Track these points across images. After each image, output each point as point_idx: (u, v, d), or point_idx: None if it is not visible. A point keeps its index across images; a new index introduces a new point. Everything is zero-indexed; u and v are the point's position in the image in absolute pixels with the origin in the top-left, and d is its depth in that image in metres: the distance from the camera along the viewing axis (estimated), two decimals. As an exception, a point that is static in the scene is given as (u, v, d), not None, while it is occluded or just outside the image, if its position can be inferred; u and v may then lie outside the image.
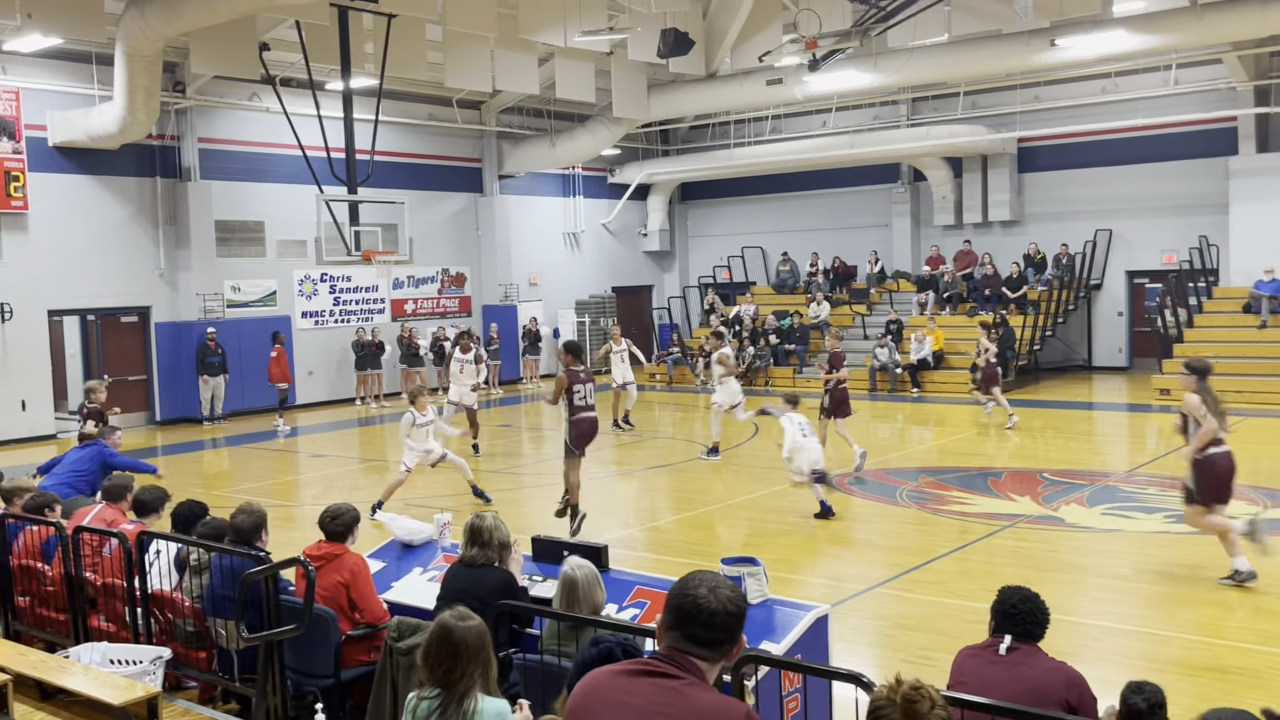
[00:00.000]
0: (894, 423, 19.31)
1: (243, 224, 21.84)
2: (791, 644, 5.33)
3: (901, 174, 26.91)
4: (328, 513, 6.23)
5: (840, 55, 18.76)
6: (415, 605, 6.15)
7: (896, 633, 7.95)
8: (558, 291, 27.69)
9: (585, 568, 5.19)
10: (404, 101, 23.81)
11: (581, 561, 5.26)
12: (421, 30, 18.77)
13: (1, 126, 18.17)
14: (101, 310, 20.21)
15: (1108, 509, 11.59)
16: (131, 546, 6.42)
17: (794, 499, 12.58)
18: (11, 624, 7.26)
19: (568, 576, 5.15)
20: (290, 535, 10.27)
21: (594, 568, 5.27)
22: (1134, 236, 23.94)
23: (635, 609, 5.73)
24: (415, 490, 13.84)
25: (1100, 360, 24.84)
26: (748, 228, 29.48)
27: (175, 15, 14.90)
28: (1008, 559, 9.84)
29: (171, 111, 20.49)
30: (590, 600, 5.10)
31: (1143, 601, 8.62)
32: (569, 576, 5.15)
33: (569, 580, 5.13)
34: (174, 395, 20.82)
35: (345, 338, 23.14)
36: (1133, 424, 18.53)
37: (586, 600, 5.09)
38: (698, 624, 2.77)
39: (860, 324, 25.02)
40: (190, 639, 6.25)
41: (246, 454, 17.48)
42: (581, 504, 10.98)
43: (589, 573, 5.17)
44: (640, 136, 28.76)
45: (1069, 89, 23.75)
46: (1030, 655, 4.51)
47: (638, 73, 22.89)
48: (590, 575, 5.16)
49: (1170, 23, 18.16)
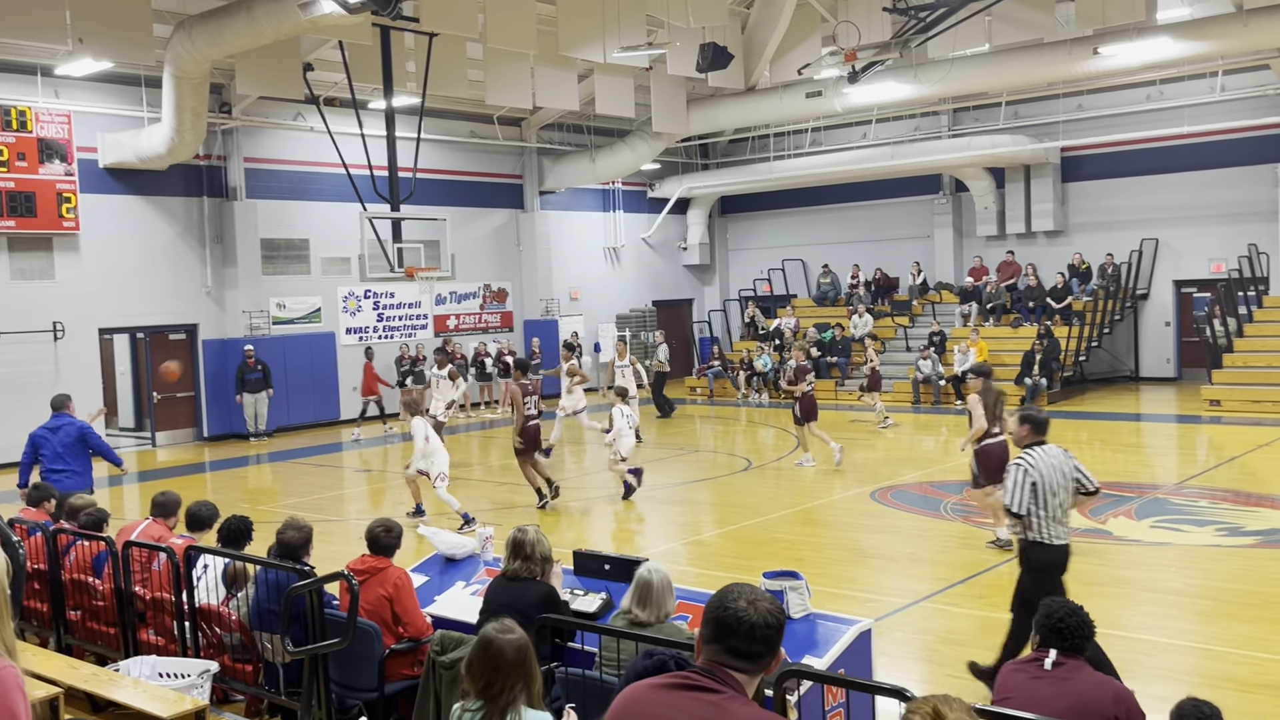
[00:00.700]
0: (938, 435, 19.15)
1: (288, 242, 22.13)
2: (834, 658, 5.29)
3: (943, 185, 26.74)
4: (381, 525, 6.26)
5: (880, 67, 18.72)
6: (458, 619, 6.18)
7: (941, 647, 7.87)
8: (599, 306, 27.78)
9: (661, 572, 5.15)
10: (445, 119, 24.04)
11: (657, 566, 5.24)
12: (462, 48, 18.97)
13: (54, 149, 18.56)
14: (150, 328, 20.54)
15: (1157, 521, 11.41)
16: (180, 561, 6.51)
17: (837, 512, 12.52)
18: (64, 638, 7.39)
19: (643, 578, 5.11)
20: (333, 550, 10.35)
21: (668, 574, 5.23)
22: (1181, 245, 23.60)
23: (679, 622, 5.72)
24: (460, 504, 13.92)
25: (1148, 371, 24.49)
26: (788, 240, 29.41)
27: (221, 38, 15.16)
28: (1054, 573, 9.70)
29: (218, 132, 20.82)
30: (662, 605, 5.08)
31: (1194, 616, 8.48)
32: (644, 578, 5.10)
33: (644, 582, 5.09)
34: (220, 412, 21.09)
35: (389, 354, 23.34)
36: (1182, 435, 18.25)
37: (659, 604, 5.07)
38: (737, 637, 2.76)
39: (903, 336, 24.86)
40: (237, 652, 6.32)
41: (291, 469, 17.67)
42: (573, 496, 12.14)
43: (664, 578, 5.14)
44: (680, 150, 28.81)
45: (1113, 97, 23.49)
46: (1076, 670, 4.45)
47: (677, 87, 22.96)
48: (664, 580, 5.13)
49: (1215, 29, 17.91)
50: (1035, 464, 6.56)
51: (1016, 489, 6.56)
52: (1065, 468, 6.60)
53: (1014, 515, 6.64)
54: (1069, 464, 6.63)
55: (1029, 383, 21.23)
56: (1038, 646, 4.58)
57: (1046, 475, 6.53)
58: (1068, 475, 6.60)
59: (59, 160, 18.59)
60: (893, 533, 11.59)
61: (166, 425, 20.93)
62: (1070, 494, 6.62)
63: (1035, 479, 6.52)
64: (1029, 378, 21.30)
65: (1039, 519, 6.56)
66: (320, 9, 13.08)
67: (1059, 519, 6.57)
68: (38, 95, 18.40)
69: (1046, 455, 6.62)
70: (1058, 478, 6.55)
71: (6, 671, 2.69)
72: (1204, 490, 13.01)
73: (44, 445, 10.42)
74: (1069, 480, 6.60)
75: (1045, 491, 6.52)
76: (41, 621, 7.59)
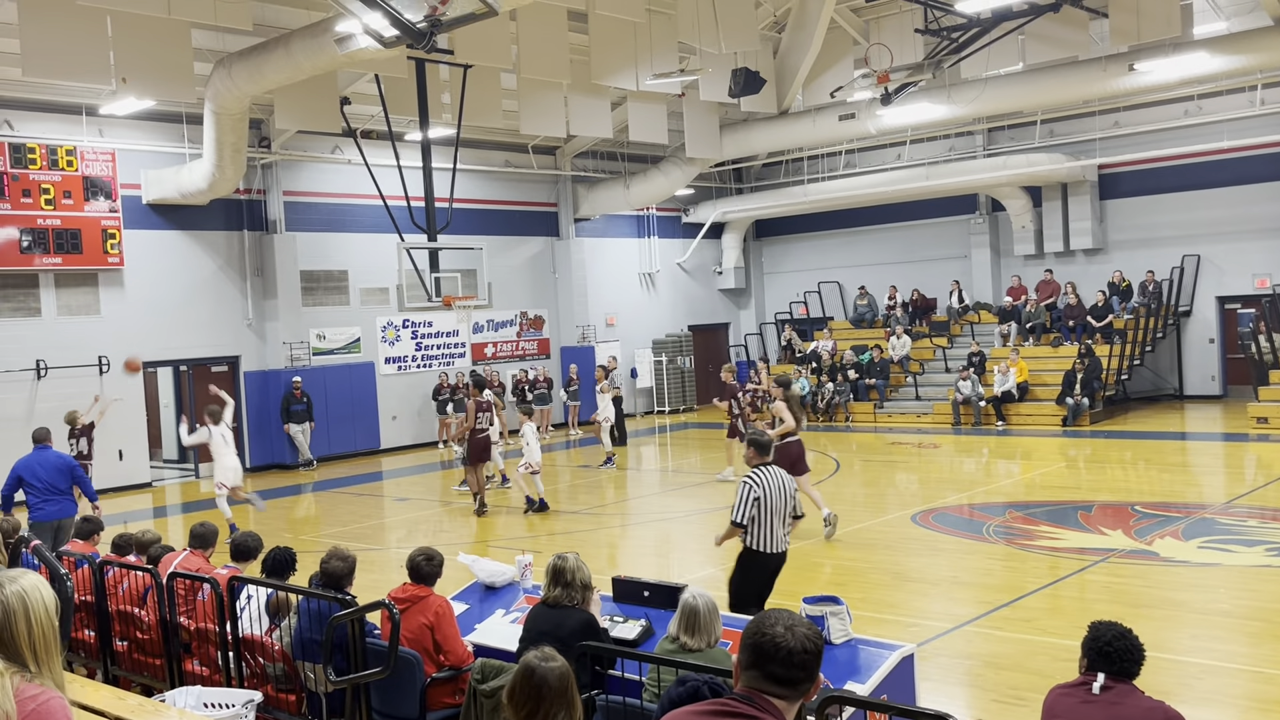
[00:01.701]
0: (979, 457, 18.97)
1: (327, 273, 22.39)
2: (877, 684, 5.25)
3: (979, 204, 26.60)
4: (422, 554, 6.29)
5: (913, 88, 18.74)
6: (498, 647, 6.19)
7: (986, 672, 7.77)
8: (635, 331, 27.84)
9: (706, 597, 5.10)
10: (481, 149, 24.27)
11: (702, 591, 5.21)
12: (496, 79, 19.17)
13: (99, 187, 18.93)
14: (193, 360, 20.82)
15: (1205, 542, 11.23)
16: (223, 592, 6.58)
17: (878, 536, 12.43)
18: (110, 669, 7.47)
19: (689, 605, 5.07)
20: (374, 579, 10.41)
21: (713, 599, 5.19)
22: (1223, 261, 23.31)
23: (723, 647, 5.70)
24: (496, 532, 13.98)
25: (1192, 389, 24.15)
26: (824, 263, 29.36)
27: (260, 74, 15.43)
28: (1100, 595, 9.58)
29: (258, 166, 21.14)
30: (711, 631, 5.04)
31: (1244, 638, 8.32)
32: (690, 605, 5.06)
33: (690, 608, 5.05)
34: (263, 442, 21.31)
35: (428, 383, 23.50)
36: (1229, 454, 17.96)
37: (707, 630, 5.03)
38: (776, 662, 2.75)
39: (941, 356, 24.70)
40: (280, 682, 6.36)
41: (332, 499, 17.80)
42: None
43: (709, 602, 5.09)
44: (713, 175, 28.90)
45: (1150, 113, 23.31)
46: (1126, 694, 4.36)
47: (710, 113, 23.05)
48: (710, 605, 5.08)
49: (1253, 43, 17.75)
50: (761, 482, 7.46)
51: (742, 504, 7.44)
52: (789, 488, 7.59)
53: (737, 525, 7.47)
54: (790, 486, 7.63)
55: (1070, 402, 21.00)
56: (1085, 669, 4.50)
57: (770, 493, 7.44)
58: (787, 494, 7.54)
59: (104, 197, 18.96)
60: (935, 556, 11.48)
61: (209, 457, 21.04)
62: (787, 511, 7.57)
63: (759, 495, 7.42)
64: (1070, 397, 21.08)
65: (759, 530, 7.48)
66: (356, 44, 13.28)
67: (776, 531, 7.50)
68: (82, 134, 18.79)
69: (771, 475, 7.53)
70: (779, 496, 7.48)
71: (54, 702, 2.76)
72: (1253, 509, 12.79)
73: (31, 475, 10.84)
74: (787, 499, 7.55)
75: (768, 507, 7.44)
76: (89, 653, 7.68)
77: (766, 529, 7.48)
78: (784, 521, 7.56)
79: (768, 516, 7.46)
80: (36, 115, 18.36)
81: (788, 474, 7.75)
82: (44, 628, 2.83)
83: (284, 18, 16.64)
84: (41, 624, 2.82)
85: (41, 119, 18.43)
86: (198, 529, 7.91)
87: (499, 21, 15.34)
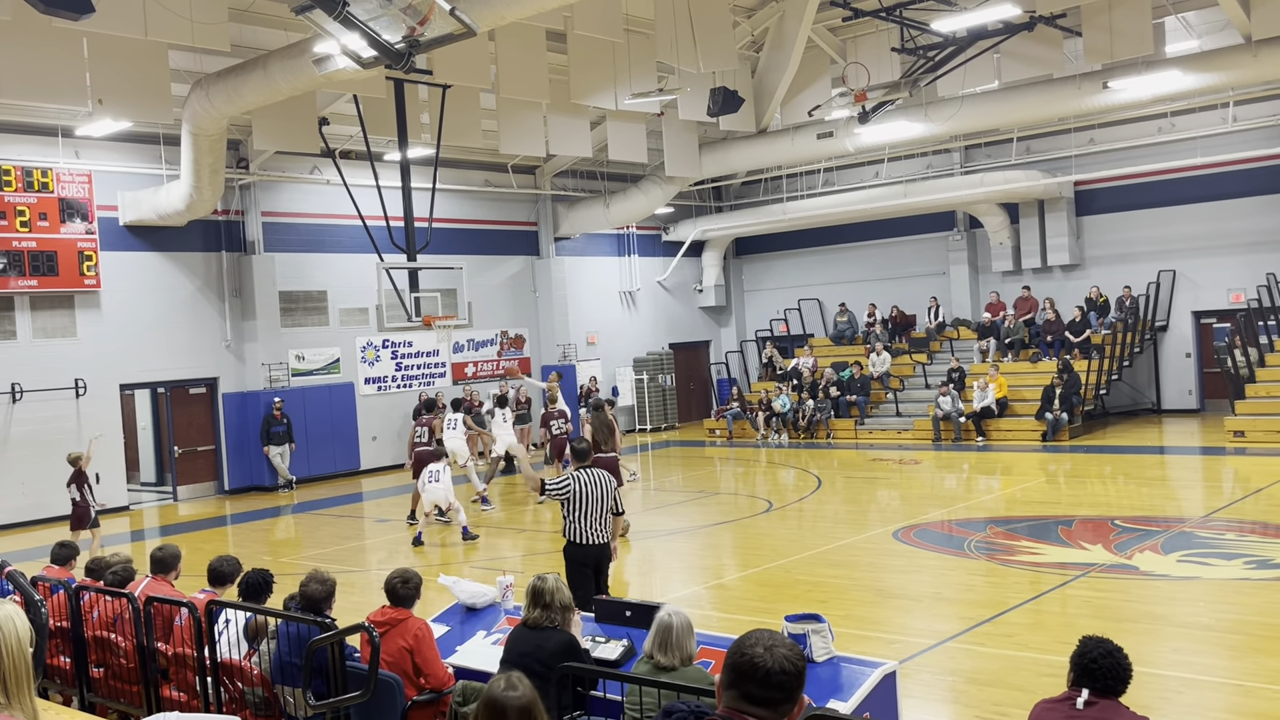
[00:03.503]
0: (959, 472, 19.03)
1: (306, 294, 22.31)
2: (859, 702, 5.24)
3: (957, 221, 26.77)
4: (399, 576, 6.25)
5: (890, 106, 18.87)
6: (480, 669, 6.15)
7: (969, 688, 7.77)
8: (616, 350, 27.84)
9: (680, 614, 5.08)
10: (460, 169, 24.28)
11: (677, 609, 5.18)
12: (476, 99, 19.20)
13: (75, 209, 18.82)
14: (171, 383, 20.69)
15: (1184, 556, 11.28)
16: (201, 616, 6.51)
17: (860, 553, 12.44)
18: (87, 695, 7.38)
19: (663, 621, 5.04)
20: (355, 601, 10.33)
21: (688, 616, 5.18)
22: (1199, 276, 23.52)
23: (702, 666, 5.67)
24: (477, 553, 13.92)
25: (1169, 403, 24.32)
26: (803, 280, 29.47)
27: (238, 95, 15.39)
28: (1082, 609, 9.60)
29: (236, 187, 21.08)
30: (683, 648, 5.02)
31: (1224, 651, 8.35)
32: (664, 621, 5.04)
33: (664, 625, 5.03)
34: (242, 465, 21.16)
35: (408, 403, 23.42)
36: (1207, 467, 18.07)
37: (679, 647, 5.00)
38: (754, 682, 2.74)
39: (921, 373, 24.79)
40: (259, 707, 6.30)
41: (312, 520, 17.69)
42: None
43: (684, 620, 5.06)
44: (693, 194, 28.98)
45: (1125, 130, 23.54)
46: (1111, 710, 4.35)
47: (689, 132, 23.14)
48: (685, 622, 5.06)
49: (1225, 61, 17.96)
50: (582, 480, 8.56)
51: (561, 485, 8.57)
52: (608, 489, 8.61)
53: (543, 490, 8.60)
54: (610, 486, 8.65)
55: (1050, 417, 21.10)
56: (1071, 685, 4.51)
57: (588, 490, 8.51)
58: (606, 494, 8.58)
59: (80, 219, 18.85)
60: (917, 572, 11.49)
61: (188, 479, 21.00)
62: (605, 509, 8.59)
63: (577, 490, 8.50)
64: (1050, 412, 21.18)
65: (577, 525, 8.57)
66: (334, 65, 13.27)
67: (594, 526, 8.56)
68: (58, 156, 18.69)
69: (591, 476, 8.61)
70: (596, 494, 8.53)
71: (28, 732, 2.72)
72: (1231, 523, 12.86)
73: None
74: (606, 498, 8.59)
75: (584, 502, 8.51)
76: (65, 680, 7.59)
77: (584, 524, 8.56)
78: (601, 518, 8.60)
79: (585, 512, 8.56)
80: (12, 137, 18.25)
81: (606, 476, 8.72)
82: (15, 659, 2.80)
83: (262, 39, 16.63)
84: (14, 655, 2.79)
85: (17, 140, 18.32)
86: (157, 554, 7.78)
87: (478, 42, 15.38)
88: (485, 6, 12.21)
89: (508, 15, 12.86)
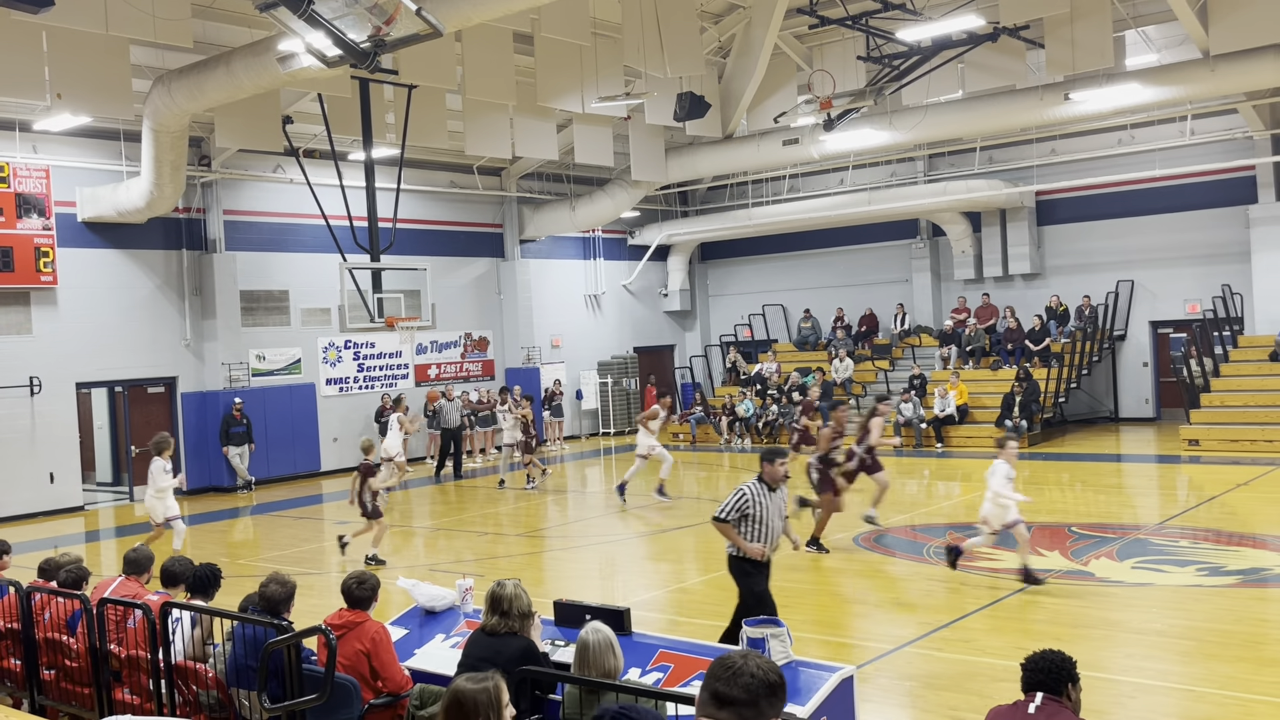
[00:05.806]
0: (920, 478, 19.16)
1: (267, 293, 22.11)
2: (816, 706, 5.26)
3: (920, 229, 26.98)
4: (355, 578, 6.23)
5: (855, 114, 19.02)
6: (438, 672, 6.11)
7: (926, 693, 7.83)
8: (580, 353, 27.81)
9: (601, 632, 5.18)
10: (425, 169, 24.17)
11: (599, 626, 5.24)
12: (442, 100, 19.13)
13: (32, 204, 18.54)
14: (129, 381, 20.42)
15: (1139, 562, 11.43)
16: (155, 618, 6.43)
17: (821, 558, 12.48)
18: (37, 699, 7.27)
19: (581, 640, 5.17)
20: (314, 604, 10.24)
21: (611, 633, 5.24)
22: (1157, 286, 23.85)
23: (658, 673, 5.68)
24: (438, 555, 13.84)
25: (1127, 412, 24.63)
26: (768, 286, 29.58)
27: (200, 92, 15.24)
28: (1038, 615, 9.70)
29: (197, 185, 20.86)
30: (600, 665, 5.08)
31: (1176, 657, 8.47)
32: (582, 640, 5.16)
33: (581, 643, 5.15)
34: (201, 465, 20.92)
35: (369, 404, 23.27)
36: (1162, 476, 18.32)
37: (597, 665, 5.07)
38: (720, 680, 2.74)
39: (884, 379, 24.95)
40: (214, 710, 6.23)
41: (271, 522, 17.52)
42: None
43: (603, 638, 5.16)
44: (659, 198, 29.03)
45: (1085, 141, 23.84)
46: (1061, 713, 4.44)
47: (655, 136, 23.17)
48: (603, 640, 5.14)
49: (1183, 75, 18.24)
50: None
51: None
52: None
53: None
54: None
55: (1009, 424, 21.29)
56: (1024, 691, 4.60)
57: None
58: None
59: (37, 215, 18.57)
60: (877, 577, 11.56)
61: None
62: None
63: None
64: (1009, 419, 21.37)
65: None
66: (299, 63, 13.17)
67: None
68: (15, 150, 18.41)
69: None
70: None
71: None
72: (1185, 530, 13.04)
73: None
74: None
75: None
76: (15, 682, 7.47)
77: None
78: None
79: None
80: (-32, 130, 17.99)
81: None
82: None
83: (225, 36, 16.47)
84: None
85: (-27, 134, 18.05)
86: (131, 555, 7.73)
87: (444, 42, 15.32)
88: (451, 7, 12.17)
89: (474, 16, 12.83)
